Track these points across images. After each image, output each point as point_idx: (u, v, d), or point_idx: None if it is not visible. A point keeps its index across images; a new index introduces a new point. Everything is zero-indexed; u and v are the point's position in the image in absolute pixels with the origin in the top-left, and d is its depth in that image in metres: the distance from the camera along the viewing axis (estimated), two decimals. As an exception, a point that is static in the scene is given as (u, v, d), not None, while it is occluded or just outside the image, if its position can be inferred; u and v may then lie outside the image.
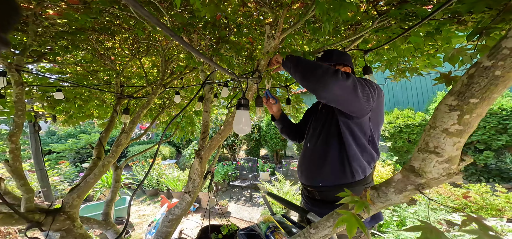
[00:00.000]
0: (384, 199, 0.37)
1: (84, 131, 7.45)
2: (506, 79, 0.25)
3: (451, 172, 0.32)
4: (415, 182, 0.34)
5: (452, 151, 0.30)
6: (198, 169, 1.08)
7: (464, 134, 0.29)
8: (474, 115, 0.27)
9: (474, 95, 0.27)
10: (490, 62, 0.25)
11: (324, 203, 0.94)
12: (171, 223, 1.34)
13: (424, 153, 0.33)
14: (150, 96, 1.23)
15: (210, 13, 0.99)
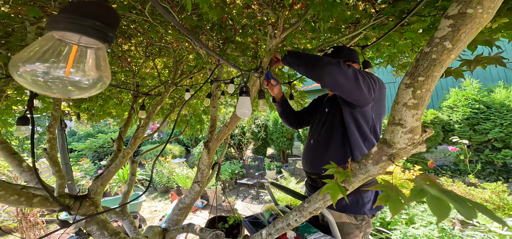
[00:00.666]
0: (364, 170, 0.42)
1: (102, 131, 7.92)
2: (441, 61, 0.32)
3: (415, 142, 0.38)
4: (387, 153, 0.40)
5: (413, 122, 0.36)
6: (206, 160, 1.17)
7: (420, 106, 0.35)
8: (423, 90, 0.34)
9: (421, 74, 0.34)
10: (428, 48, 0.33)
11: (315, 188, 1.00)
12: (181, 211, 1.44)
13: (392, 126, 0.39)
14: (163, 94, 1.35)
15: (216, 15, 1.07)
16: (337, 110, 0.97)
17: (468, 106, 4.63)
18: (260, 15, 1.41)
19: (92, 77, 0.31)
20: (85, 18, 0.28)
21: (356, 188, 0.90)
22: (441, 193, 0.25)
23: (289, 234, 0.94)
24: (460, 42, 0.31)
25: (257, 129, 6.94)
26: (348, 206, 0.92)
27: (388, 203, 0.32)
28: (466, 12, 0.29)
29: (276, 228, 0.62)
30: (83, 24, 0.28)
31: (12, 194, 0.82)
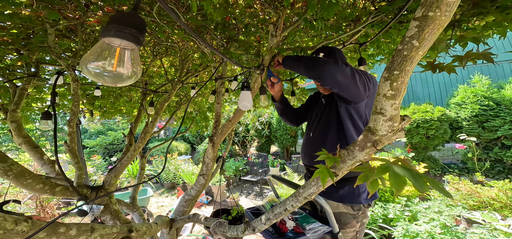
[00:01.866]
0: (352, 156, 0.47)
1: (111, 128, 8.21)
2: (411, 57, 0.37)
3: (394, 129, 0.42)
4: (371, 139, 0.44)
5: (392, 111, 0.41)
6: (211, 153, 1.24)
7: (397, 97, 0.40)
8: (399, 82, 0.39)
9: (396, 68, 0.39)
10: (401, 46, 0.38)
11: None
12: (187, 203, 1.52)
13: (375, 115, 0.44)
14: (170, 91, 1.42)
15: (220, 16, 1.13)
16: (333, 105, 1.02)
17: (477, 103, 4.51)
18: (262, 14, 1.45)
19: (130, 70, 0.42)
20: (125, 27, 0.38)
21: (351, 179, 0.94)
22: (402, 170, 0.30)
23: (288, 224, 1.00)
24: (425, 40, 0.36)
25: (261, 127, 6.99)
26: (345, 196, 0.97)
27: (367, 182, 0.37)
28: (428, 14, 0.34)
29: (274, 213, 0.68)
30: (124, 31, 0.38)
31: (38, 183, 0.91)
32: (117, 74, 0.39)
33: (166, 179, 5.53)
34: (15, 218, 0.38)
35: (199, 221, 1.20)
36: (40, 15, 1.00)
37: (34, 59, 1.10)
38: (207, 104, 2.71)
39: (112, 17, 0.38)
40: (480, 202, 2.73)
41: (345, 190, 0.97)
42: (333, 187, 0.97)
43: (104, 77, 0.39)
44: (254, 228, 0.76)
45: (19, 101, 1.01)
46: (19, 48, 1.03)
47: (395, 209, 2.37)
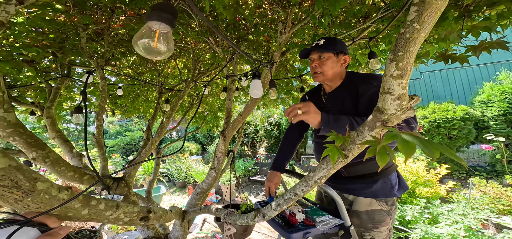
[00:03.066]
0: (362, 137, 0.48)
1: (129, 129, 8.71)
2: (413, 38, 0.40)
3: (403, 108, 0.44)
4: (380, 118, 0.45)
5: (399, 90, 0.43)
6: (222, 147, 1.29)
7: (403, 76, 0.42)
8: (404, 62, 0.41)
9: (400, 50, 0.41)
10: (403, 30, 0.41)
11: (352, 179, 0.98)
12: (199, 196, 1.58)
13: (383, 95, 0.45)
14: (184, 89, 1.50)
15: (230, 15, 1.18)
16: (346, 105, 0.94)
17: (504, 100, 4.16)
18: (271, 13, 1.49)
19: (166, 47, 0.55)
20: (163, 12, 0.49)
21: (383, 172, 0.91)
22: (410, 137, 0.31)
23: (298, 216, 1.01)
24: (425, 23, 0.38)
25: (270, 127, 6.99)
26: (378, 191, 0.90)
27: (377, 155, 0.38)
28: (425, 0, 0.37)
29: (284, 198, 0.70)
30: (162, 16, 0.49)
31: (70, 170, 1.02)
32: (157, 49, 0.53)
33: (177, 178, 5.72)
34: (59, 186, 0.44)
35: (210, 211, 1.24)
36: (73, 20, 1.13)
37: (67, 61, 1.24)
38: (218, 104, 2.79)
39: (154, 6, 0.50)
40: (511, 207, 2.51)
41: (378, 184, 0.91)
42: (363, 183, 0.92)
43: (148, 51, 0.53)
44: (264, 214, 0.78)
45: (54, 99, 1.14)
46: (55, 51, 1.16)
47: (413, 211, 2.26)
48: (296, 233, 0.87)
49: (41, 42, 1.11)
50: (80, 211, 0.45)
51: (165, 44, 0.53)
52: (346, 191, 0.99)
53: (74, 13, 1.00)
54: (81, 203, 0.45)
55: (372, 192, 0.91)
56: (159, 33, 0.50)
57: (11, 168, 0.33)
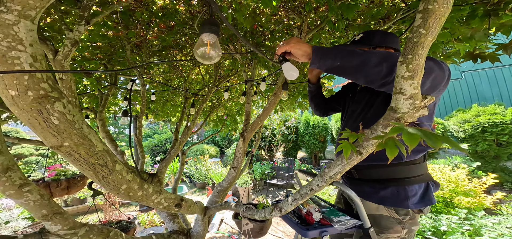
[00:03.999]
0: (375, 134, 0.50)
1: (156, 132, 9.52)
2: (421, 42, 0.42)
3: (416, 106, 0.46)
4: (394, 117, 0.48)
5: (411, 90, 0.45)
6: (241, 148, 1.38)
7: (414, 77, 0.44)
8: (414, 64, 0.44)
9: (409, 53, 0.44)
10: (411, 34, 0.44)
11: (363, 181, 0.95)
12: (219, 193, 1.69)
13: (396, 95, 0.48)
14: (207, 94, 1.65)
15: (249, 24, 1.29)
16: (376, 99, 0.87)
17: None
18: (287, 20, 1.56)
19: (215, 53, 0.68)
20: (211, 25, 0.63)
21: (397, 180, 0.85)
22: (415, 130, 0.34)
23: (315, 216, 1.03)
24: (431, 28, 0.41)
25: (288, 131, 6.95)
26: (386, 198, 0.85)
27: (386, 148, 0.40)
28: (428, 7, 0.40)
29: (301, 193, 0.75)
30: (211, 29, 0.63)
31: (116, 163, 1.22)
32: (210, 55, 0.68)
33: (198, 179, 6.02)
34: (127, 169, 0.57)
35: (230, 207, 1.33)
36: (119, 34, 1.35)
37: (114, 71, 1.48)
38: (236, 108, 2.94)
39: (204, 22, 0.65)
40: None
41: (387, 191, 0.86)
42: (372, 187, 0.89)
43: (204, 57, 0.69)
44: (281, 208, 0.83)
45: (104, 105, 1.38)
46: (106, 62, 1.41)
47: (450, 221, 2.04)
48: (312, 231, 0.90)
49: (97, 55, 1.36)
50: (137, 192, 0.58)
51: (214, 50, 0.67)
52: (357, 193, 0.97)
53: (121, 29, 1.21)
54: (138, 185, 0.57)
55: (379, 197, 0.87)
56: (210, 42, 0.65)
57: (104, 151, 0.46)
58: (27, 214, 2.97)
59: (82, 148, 0.41)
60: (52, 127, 0.37)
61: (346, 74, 0.68)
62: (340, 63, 0.67)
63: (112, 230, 0.74)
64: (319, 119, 6.59)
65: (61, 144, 0.39)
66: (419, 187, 0.85)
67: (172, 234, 1.42)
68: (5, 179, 0.47)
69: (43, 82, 0.34)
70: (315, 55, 0.69)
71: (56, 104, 0.36)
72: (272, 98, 1.17)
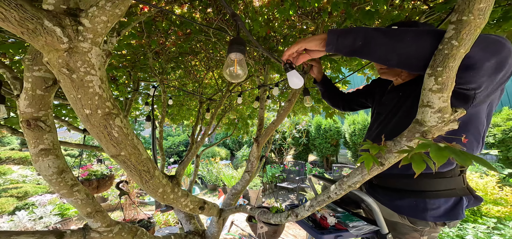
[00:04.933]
0: (399, 147, 0.49)
1: (170, 134, 9.89)
2: (452, 54, 0.41)
3: (445, 120, 0.44)
4: (420, 130, 0.46)
5: (440, 103, 0.43)
6: (255, 152, 1.41)
7: (444, 90, 0.43)
8: (444, 77, 0.43)
9: (438, 65, 0.43)
10: (441, 46, 0.42)
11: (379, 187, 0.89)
12: (233, 196, 1.73)
13: (422, 108, 0.46)
14: (221, 98, 1.72)
15: (264, 32, 1.32)
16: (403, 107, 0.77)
17: None
18: (300, 24, 1.57)
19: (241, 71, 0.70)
20: (238, 45, 0.64)
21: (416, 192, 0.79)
22: (444, 146, 0.33)
23: (330, 220, 1.02)
24: (464, 40, 0.39)
25: (299, 135, 6.87)
26: (402, 207, 0.80)
27: (413, 162, 0.39)
28: (462, 19, 0.38)
29: (318, 200, 0.75)
30: (238, 48, 0.64)
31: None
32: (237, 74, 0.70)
33: (209, 181, 6.15)
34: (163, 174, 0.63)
35: (245, 211, 1.36)
36: (142, 43, 1.46)
37: (137, 77, 1.60)
38: (248, 111, 2.98)
39: (231, 41, 0.66)
40: None
41: (404, 201, 0.80)
42: (388, 195, 0.84)
43: (232, 76, 0.71)
44: (297, 214, 0.84)
45: (128, 109, 1.49)
46: (129, 70, 1.53)
47: (476, 230, 1.91)
48: (327, 235, 0.90)
49: (123, 63, 1.48)
50: (169, 195, 0.63)
51: (241, 69, 0.69)
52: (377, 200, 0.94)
53: (144, 37, 1.31)
54: (171, 189, 0.63)
55: (394, 206, 0.83)
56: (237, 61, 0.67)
57: (147, 159, 0.51)
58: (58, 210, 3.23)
59: (133, 156, 0.47)
60: (113, 139, 0.43)
61: (372, 55, 0.55)
62: (364, 41, 0.54)
63: (139, 229, 0.81)
64: (331, 123, 6.45)
65: (119, 153, 0.44)
66: (445, 201, 0.78)
67: (188, 234, 1.48)
68: (60, 179, 0.54)
69: (108, 101, 0.40)
70: (331, 35, 0.58)
71: (116, 119, 0.42)
72: (286, 104, 1.18)
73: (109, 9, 0.33)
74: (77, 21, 0.32)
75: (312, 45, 0.62)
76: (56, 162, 0.58)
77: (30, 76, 0.50)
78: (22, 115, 0.53)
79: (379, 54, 0.54)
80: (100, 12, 0.33)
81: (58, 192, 0.60)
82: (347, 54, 0.59)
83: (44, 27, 0.29)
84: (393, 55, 0.52)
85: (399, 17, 1.05)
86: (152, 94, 1.24)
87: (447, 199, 0.78)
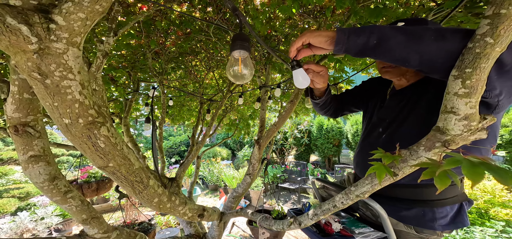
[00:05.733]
0: (416, 156, 0.44)
1: (171, 134, 9.89)
2: (485, 54, 0.36)
3: (472, 128, 0.39)
4: (441, 139, 0.41)
5: (466, 110, 0.38)
6: (257, 154, 1.37)
7: (472, 95, 0.38)
8: (473, 80, 0.37)
9: (467, 66, 0.38)
10: (471, 44, 0.37)
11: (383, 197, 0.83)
12: (234, 199, 1.69)
13: (445, 114, 0.41)
14: (222, 99, 1.68)
15: (265, 30, 1.28)
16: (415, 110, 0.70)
17: None
18: (301, 23, 1.53)
19: (247, 71, 0.64)
20: (242, 42, 0.59)
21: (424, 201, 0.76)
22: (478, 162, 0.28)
23: (334, 226, 0.98)
24: (501, 37, 0.34)
25: (300, 135, 6.82)
26: (408, 218, 0.77)
27: (435, 178, 0.34)
28: (500, 12, 0.33)
29: (322, 209, 0.71)
30: (242, 45, 0.59)
31: (138, 168, 1.27)
32: (242, 74, 0.63)
33: (210, 181, 6.13)
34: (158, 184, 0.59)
35: (246, 215, 1.32)
36: (141, 43, 1.43)
37: (136, 78, 1.57)
38: (249, 112, 2.94)
39: (233, 37, 0.60)
40: None
41: (411, 212, 0.77)
42: (394, 205, 0.80)
43: (236, 76, 0.64)
44: (300, 222, 0.80)
45: (128, 110, 1.46)
46: (129, 70, 1.50)
47: (484, 234, 1.85)
48: (333, 244, 0.86)
49: (122, 64, 1.45)
50: (166, 204, 0.60)
51: (247, 68, 0.62)
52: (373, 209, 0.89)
53: (142, 37, 1.28)
54: (167, 198, 0.59)
55: (400, 216, 0.79)
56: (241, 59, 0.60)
57: (140, 169, 0.48)
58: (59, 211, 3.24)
59: (123, 167, 0.43)
60: (99, 150, 0.39)
61: (388, 55, 0.49)
62: (379, 40, 0.48)
63: (138, 234, 0.77)
64: (333, 123, 6.39)
65: (106, 165, 0.41)
66: (451, 208, 0.76)
67: (189, 237, 1.45)
68: (53, 186, 0.51)
69: (91, 109, 0.36)
70: (341, 33, 0.51)
71: (102, 128, 0.38)
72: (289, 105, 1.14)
73: (87, 5, 0.29)
74: (48, 18, 0.28)
75: (318, 41, 0.55)
76: (47, 169, 0.55)
77: (16, 79, 0.46)
78: (9, 120, 0.49)
79: (398, 55, 0.47)
80: (77, 8, 0.29)
81: (51, 199, 0.57)
82: (357, 55, 0.52)
83: (6, 25, 0.25)
84: (414, 55, 0.46)
85: (405, 15, 1.01)
86: (152, 95, 1.21)
87: (452, 206, 0.76)
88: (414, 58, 0.46)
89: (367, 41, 0.49)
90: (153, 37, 1.37)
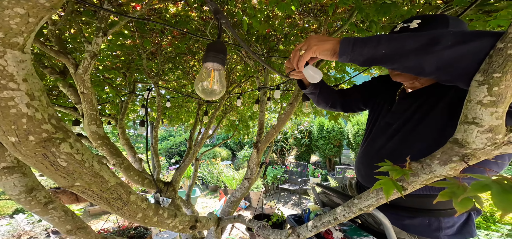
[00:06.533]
0: (429, 170, 0.40)
1: (171, 135, 9.86)
2: None
3: (497, 142, 0.34)
4: (459, 153, 0.36)
5: (491, 121, 0.33)
6: (255, 158, 1.32)
7: (499, 104, 0.33)
8: (502, 87, 0.32)
9: (496, 71, 0.32)
10: (502, 44, 0.32)
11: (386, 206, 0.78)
12: (232, 204, 1.65)
13: (465, 125, 0.36)
14: (220, 101, 1.63)
15: (264, 29, 1.24)
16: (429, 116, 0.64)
17: None
18: (301, 22, 1.48)
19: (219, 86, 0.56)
20: (216, 52, 0.51)
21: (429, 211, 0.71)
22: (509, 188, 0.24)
23: (335, 235, 0.94)
24: None
25: (301, 135, 6.77)
26: (412, 226, 0.74)
27: (454, 199, 0.31)
28: None
29: (322, 221, 0.67)
30: (215, 57, 0.51)
31: (135, 175, 1.23)
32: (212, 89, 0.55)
33: (210, 182, 6.09)
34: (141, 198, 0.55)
35: (243, 222, 1.28)
36: (136, 43, 1.38)
37: (132, 79, 1.53)
38: (248, 112, 2.90)
39: (208, 46, 0.52)
40: None
41: (415, 220, 0.73)
42: (396, 214, 0.76)
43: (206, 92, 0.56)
44: (299, 234, 0.76)
45: (124, 112, 1.42)
46: (125, 71, 1.45)
47: (490, 238, 1.80)
48: (334, 256, 0.81)
49: (117, 64, 1.40)
50: (152, 219, 0.55)
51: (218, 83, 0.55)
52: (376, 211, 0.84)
53: (137, 37, 1.23)
54: (153, 211, 0.55)
55: (403, 225, 0.75)
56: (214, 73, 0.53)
57: (117, 185, 0.43)
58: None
59: (94, 185, 0.39)
60: (61, 170, 0.34)
61: (400, 63, 0.44)
62: (387, 50, 0.44)
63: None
64: (334, 123, 6.33)
65: (72, 184, 0.36)
66: (458, 218, 0.72)
67: (185, 243, 1.41)
68: (31, 198, 0.47)
69: (45, 123, 0.30)
70: (344, 44, 0.48)
71: (62, 145, 0.33)
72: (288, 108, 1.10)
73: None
74: (-28, 15, 0.22)
75: (323, 56, 0.53)
76: (23, 180, 0.51)
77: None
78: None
79: (411, 62, 0.43)
80: (12, 2, 0.24)
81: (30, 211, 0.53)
82: (364, 64, 0.49)
83: None
84: (429, 64, 0.41)
85: (410, 13, 0.95)
86: (146, 98, 1.17)
87: (460, 216, 0.72)
88: (430, 67, 0.42)
89: (374, 51, 0.46)
90: (148, 37, 1.33)
